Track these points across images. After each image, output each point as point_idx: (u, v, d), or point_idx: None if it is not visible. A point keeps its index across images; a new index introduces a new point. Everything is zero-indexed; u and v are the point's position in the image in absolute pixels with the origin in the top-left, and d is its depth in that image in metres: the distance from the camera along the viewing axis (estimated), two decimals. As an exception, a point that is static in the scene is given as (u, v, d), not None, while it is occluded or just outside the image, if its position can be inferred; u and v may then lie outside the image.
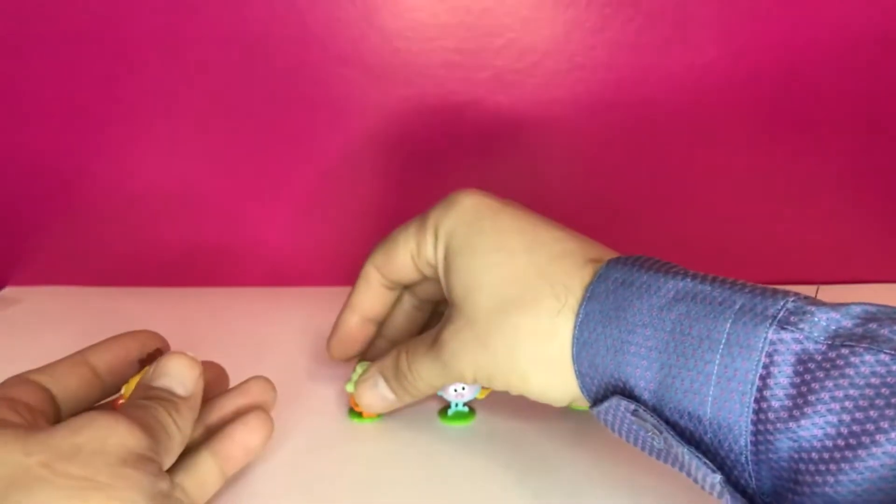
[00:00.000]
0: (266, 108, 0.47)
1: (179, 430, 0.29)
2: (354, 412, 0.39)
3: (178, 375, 0.30)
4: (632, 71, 0.46)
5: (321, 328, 0.49)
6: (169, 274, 0.54)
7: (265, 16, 0.45)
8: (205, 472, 0.31)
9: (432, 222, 0.35)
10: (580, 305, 0.31)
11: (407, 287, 0.39)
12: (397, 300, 0.40)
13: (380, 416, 0.39)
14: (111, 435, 0.26)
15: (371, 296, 0.38)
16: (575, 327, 0.31)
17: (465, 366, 0.33)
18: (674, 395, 0.28)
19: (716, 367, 0.27)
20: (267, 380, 0.35)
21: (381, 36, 0.45)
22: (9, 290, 0.54)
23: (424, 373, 0.35)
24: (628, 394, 0.29)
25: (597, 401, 0.31)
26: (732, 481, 0.27)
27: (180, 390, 0.30)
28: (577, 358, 0.31)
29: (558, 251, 0.32)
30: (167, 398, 0.30)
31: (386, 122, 0.48)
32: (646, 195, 0.50)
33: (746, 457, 0.27)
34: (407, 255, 0.36)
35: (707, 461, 0.27)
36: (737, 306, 0.27)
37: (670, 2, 0.45)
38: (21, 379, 0.31)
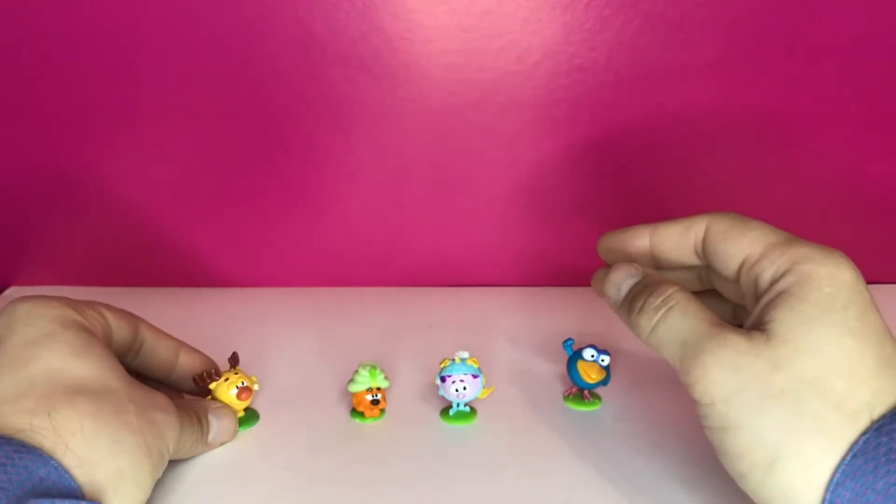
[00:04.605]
0: (266, 109, 0.48)
1: (179, 448, 0.34)
2: (356, 412, 0.39)
3: (222, 431, 0.37)
4: (632, 72, 0.46)
5: (323, 328, 0.49)
6: (171, 274, 0.54)
7: (266, 16, 0.45)
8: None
9: (795, 255, 0.29)
10: (839, 467, 0.26)
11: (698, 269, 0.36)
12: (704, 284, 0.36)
13: (381, 414, 0.39)
14: (172, 427, 0.33)
15: (678, 242, 0.34)
16: (836, 471, 0.26)
17: (708, 382, 0.28)
18: None
19: None
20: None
21: (381, 36, 0.46)
22: (13, 290, 0.55)
23: (668, 327, 0.30)
24: None
25: None
26: None
27: (210, 438, 0.36)
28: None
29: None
30: (202, 433, 0.36)
31: (386, 122, 0.48)
32: (644, 196, 0.51)
33: None
34: (738, 255, 0.31)
35: None
36: None
37: (670, 2, 0.45)
38: (130, 322, 0.37)
